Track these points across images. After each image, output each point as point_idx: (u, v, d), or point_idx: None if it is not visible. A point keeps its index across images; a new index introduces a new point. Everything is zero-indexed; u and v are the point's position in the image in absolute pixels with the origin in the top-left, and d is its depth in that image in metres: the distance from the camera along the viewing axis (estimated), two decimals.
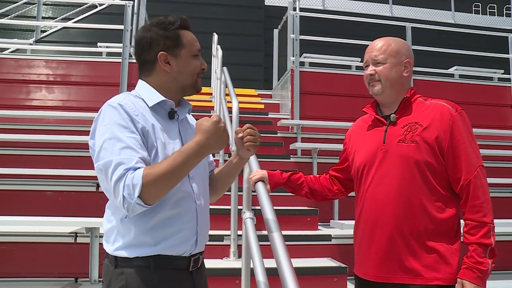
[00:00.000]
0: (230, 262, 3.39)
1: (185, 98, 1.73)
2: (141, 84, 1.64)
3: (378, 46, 1.94)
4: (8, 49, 7.55)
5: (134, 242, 1.49)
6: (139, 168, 1.40)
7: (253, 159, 2.16)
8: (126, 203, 1.38)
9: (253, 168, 2.12)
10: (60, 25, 8.47)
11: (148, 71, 1.63)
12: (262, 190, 1.86)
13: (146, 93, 1.60)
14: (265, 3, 10.71)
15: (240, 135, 1.68)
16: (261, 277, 1.68)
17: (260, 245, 1.97)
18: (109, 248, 1.53)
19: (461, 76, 7.80)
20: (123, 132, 1.45)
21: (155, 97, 1.59)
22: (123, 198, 1.37)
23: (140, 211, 1.42)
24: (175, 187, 1.48)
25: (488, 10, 11.80)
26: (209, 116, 1.51)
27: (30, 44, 7.88)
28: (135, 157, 1.42)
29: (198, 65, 1.64)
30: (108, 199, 1.54)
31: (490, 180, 1.90)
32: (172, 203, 1.52)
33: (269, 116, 6.77)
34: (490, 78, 7.74)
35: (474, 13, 11.65)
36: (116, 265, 1.50)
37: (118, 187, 1.38)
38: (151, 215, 1.48)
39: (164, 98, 1.59)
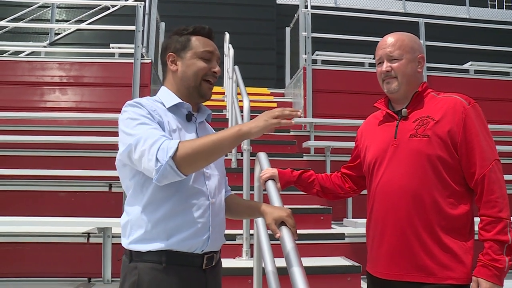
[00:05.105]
0: (242, 262, 3.38)
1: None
2: (162, 89, 1.74)
3: (391, 41, 1.89)
4: (23, 52, 7.64)
5: (147, 236, 1.52)
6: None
7: (263, 157, 2.11)
8: (157, 164, 1.42)
9: (264, 167, 2.05)
10: (74, 27, 8.54)
11: (165, 73, 1.75)
12: (272, 189, 1.83)
13: (165, 96, 1.69)
14: (277, 2, 10.66)
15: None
16: (271, 276, 1.66)
17: (272, 244, 1.95)
18: (125, 242, 1.58)
19: (476, 71, 7.69)
20: (148, 120, 1.54)
21: (173, 99, 1.67)
22: (156, 160, 1.42)
23: (170, 177, 1.44)
24: (188, 183, 1.54)
25: (504, 3, 11.59)
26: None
27: (44, 46, 7.97)
28: (164, 135, 1.50)
29: (203, 66, 1.67)
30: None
31: (507, 177, 1.85)
32: (184, 197, 1.55)
33: None
34: (507, 73, 7.61)
35: (490, 7, 11.46)
36: (131, 259, 1.55)
37: (151, 149, 1.44)
38: (163, 208, 1.53)
39: (180, 101, 1.66)
